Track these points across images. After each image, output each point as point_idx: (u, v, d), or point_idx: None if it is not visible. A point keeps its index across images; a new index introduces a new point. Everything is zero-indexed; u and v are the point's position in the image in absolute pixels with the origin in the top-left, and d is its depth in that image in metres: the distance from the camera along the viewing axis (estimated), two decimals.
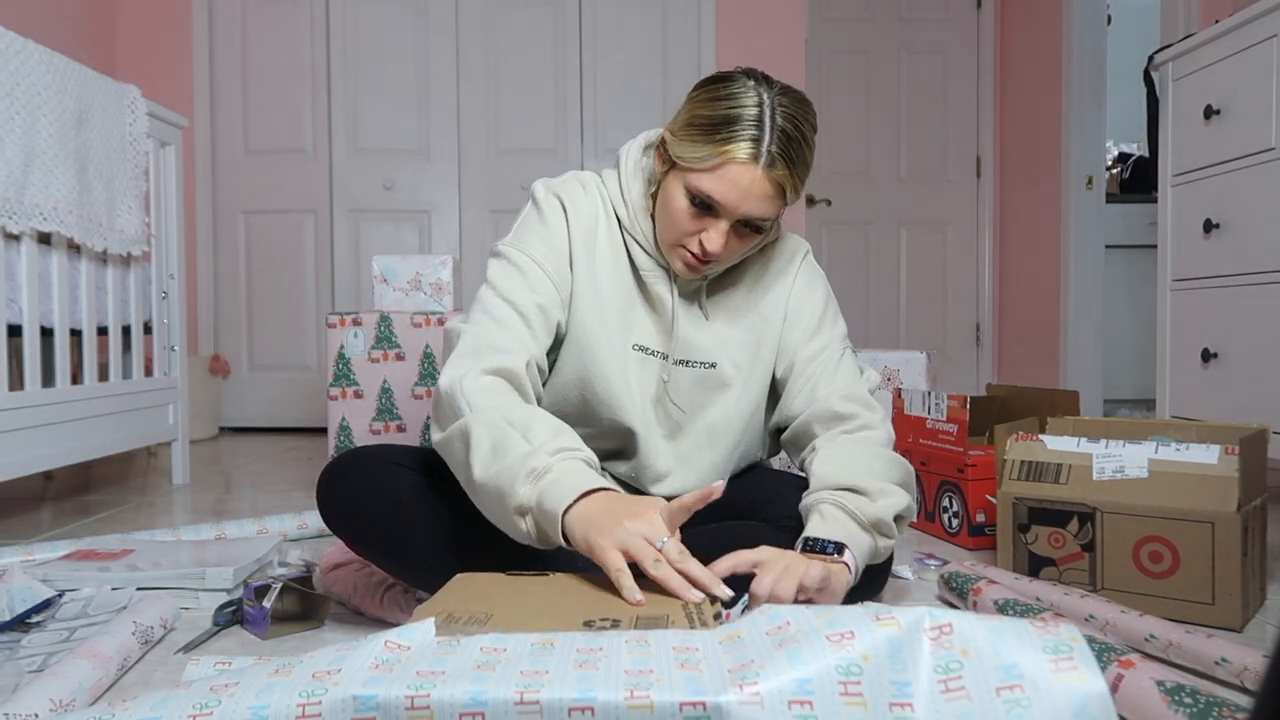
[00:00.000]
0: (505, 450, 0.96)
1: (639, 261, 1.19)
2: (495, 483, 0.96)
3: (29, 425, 1.80)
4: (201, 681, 0.69)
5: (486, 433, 0.98)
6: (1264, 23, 1.92)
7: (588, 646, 0.70)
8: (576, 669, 0.66)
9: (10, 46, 1.72)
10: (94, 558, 1.41)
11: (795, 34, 3.72)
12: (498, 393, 1.04)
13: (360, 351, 2.35)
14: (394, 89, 3.67)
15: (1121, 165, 4.44)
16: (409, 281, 2.58)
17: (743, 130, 1.04)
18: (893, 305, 4.29)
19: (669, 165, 1.12)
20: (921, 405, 1.83)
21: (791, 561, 0.95)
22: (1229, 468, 1.22)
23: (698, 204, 1.08)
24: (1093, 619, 1.14)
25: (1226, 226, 2.04)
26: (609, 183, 1.22)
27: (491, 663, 0.67)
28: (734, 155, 1.04)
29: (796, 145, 1.07)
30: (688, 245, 1.11)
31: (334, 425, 2.28)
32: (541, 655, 0.68)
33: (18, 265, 1.81)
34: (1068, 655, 0.63)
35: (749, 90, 1.07)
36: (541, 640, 0.71)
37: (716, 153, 1.05)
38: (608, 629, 0.76)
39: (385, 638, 0.71)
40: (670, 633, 0.73)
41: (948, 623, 0.66)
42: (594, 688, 0.63)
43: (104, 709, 0.68)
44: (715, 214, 1.09)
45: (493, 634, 0.72)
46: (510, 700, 0.62)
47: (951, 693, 0.63)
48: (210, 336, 3.69)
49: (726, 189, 1.06)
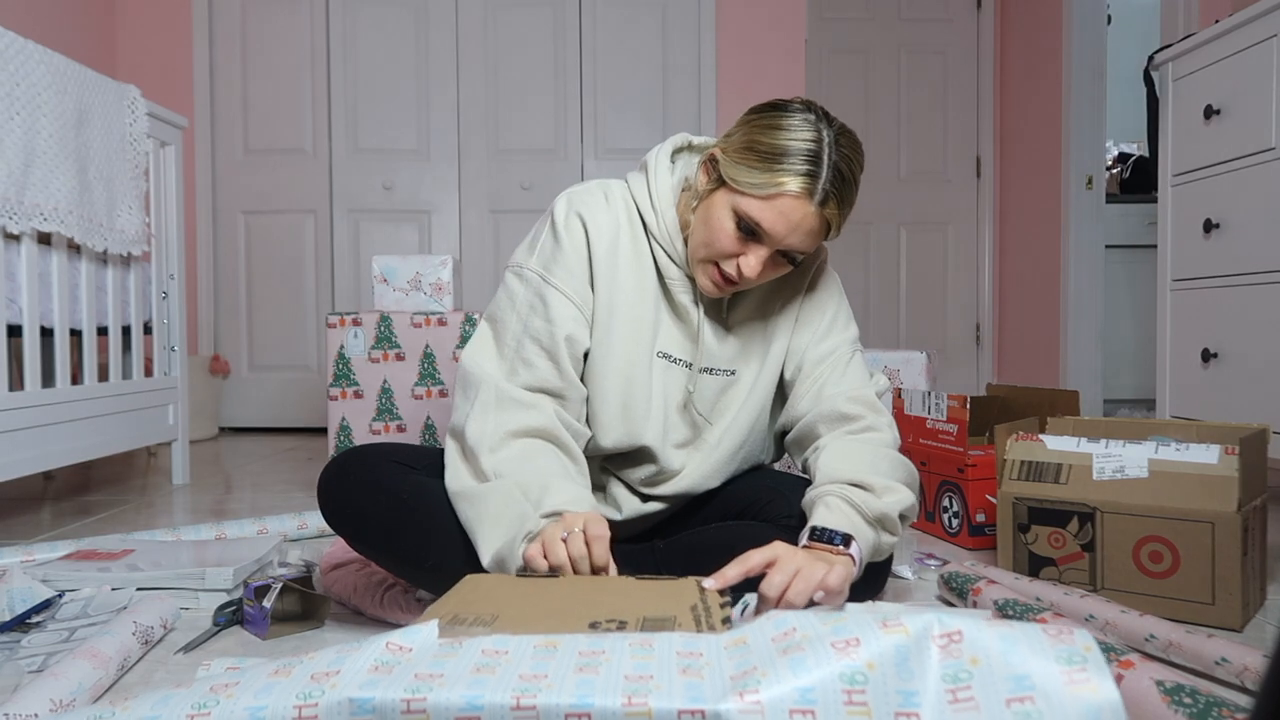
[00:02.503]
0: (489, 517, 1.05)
1: (665, 270, 1.19)
2: (488, 523, 1.05)
3: (29, 425, 1.80)
4: (202, 680, 0.69)
5: (503, 490, 1.06)
6: (1264, 23, 1.92)
7: (590, 649, 0.70)
8: (576, 673, 0.65)
9: (10, 46, 1.72)
10: (94, 558, 1.41)
11: (795, 34, 3.72)
12: (517, 459, 1.08)
13: (360, 351, 2.35)
14: (394, 89, 3.67)
15: (1121, 165, 4.44)
16: (409, 281, 2.58)
17: (800, 164, 1.05)
18: (893, 305, 4.29)
19: (717, 184, 1.12)
20: (921, 405, 1.83)
21: (804, 563, 0.93)
22: (1229, 468, 1.22)
23: (743, 228, 1.08)
24: (1093, 619, 1.14)
25: (1226, 226, 2.04)
26: (636, 189, 1.21)
27: (492, 665, 0.66)
28: (789, 188, 1.05)
29: (848, 186, 1.08)
30: (723, 266, 1.12)
31: (334, 425, 2.28)
32: (543, 658, 0.68)
33: (18, 265, 1.81)
34: (1081, 666, 0.61)
35: (810, 125, 1.07)
36: (544, 643, 0.71)
37: (772, 182, 1.05)
38: (613, 631, 0.76)
39: (387, 639, 0.70)
40: (676, 636, 0.72)
41: (957, 630, 0.64)
42: (592, 694, 0.62)
43: (104, 708, 0.68)
44: (759, 240, 1.09)
45: (496, 635, 0.72)
46: (507, 705, 0.62)
47: (960, 703, 0.61)
48: (210, 336, 3.69)
49: (776, 219, 1.06)
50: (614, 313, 1.17)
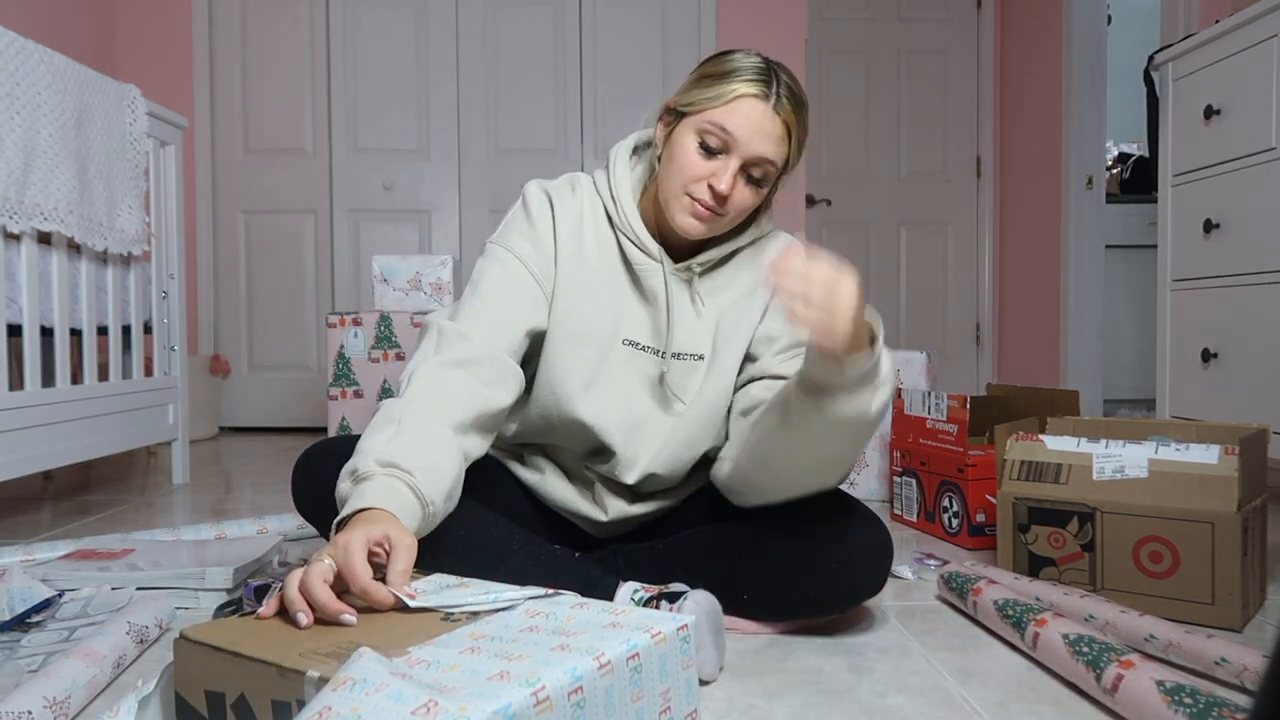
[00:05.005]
0: (365, 436, 0.98)
1: (632, 257, 1.20)
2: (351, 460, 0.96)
3: (29, 425, 1.80)
4: None
5: (381, 415, 1.01)
6: (1264, 23, 1.92)
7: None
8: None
9: (10, 46, 1.72)
10: (94, 558, 1.41)
11: (795, 34, 3.72)
12: (434, 391, 1.04)
13: (360, 351, 2.35)
14: (394, 89, 3.67)
15: (1121, 165, 4.44)
16: (409, 281, 2.58)
17: (752, 74, 1.11)
18: (893, 305, 4.29)
19: (676, 120, 1.15)
20: (921, 405, 1.83)
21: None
22: (1229, 468, 1.22)
23: (707, 147, 1.11)
24: (1093, 619, 1.14)
25: (1226, 226, 2.04)
26: (600, 183, 1.24)
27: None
28: (746, 90, 1.10)
29: (800, 101, 1.13)
30: (695, 193, 1.12)
31: (334, 425, 2.28)
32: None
33: (18, 265, 1.81)
34: None
35: (751, 53, 1.15)
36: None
37: (728, 89, 1.10)
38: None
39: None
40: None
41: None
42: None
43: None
44: (726, 153, 1.11)
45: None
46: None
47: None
48: (210, 336, 3.69)
49: (741, 122, 1.10)
50: (576, 294, 1.18)
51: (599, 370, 1.17)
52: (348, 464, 0.96)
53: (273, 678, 0.67)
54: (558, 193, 1.22)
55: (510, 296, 1.15)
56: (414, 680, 0.61)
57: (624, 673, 0.69)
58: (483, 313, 1.13)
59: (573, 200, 1.22)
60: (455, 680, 0.62)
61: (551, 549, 1.13)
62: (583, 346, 1.17)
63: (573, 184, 1.24)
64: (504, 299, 1.14)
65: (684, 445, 1.21)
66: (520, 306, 1.15)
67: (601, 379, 1.17)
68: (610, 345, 1.18)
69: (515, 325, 1.14)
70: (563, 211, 1.21)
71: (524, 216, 1.21)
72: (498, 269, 1.17)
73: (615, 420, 1.18)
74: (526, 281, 1.17)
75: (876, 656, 1.12)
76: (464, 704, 0.58)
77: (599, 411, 1.17)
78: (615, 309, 1.19)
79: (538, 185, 1.23)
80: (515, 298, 1.15)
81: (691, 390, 1.21)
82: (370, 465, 0.93)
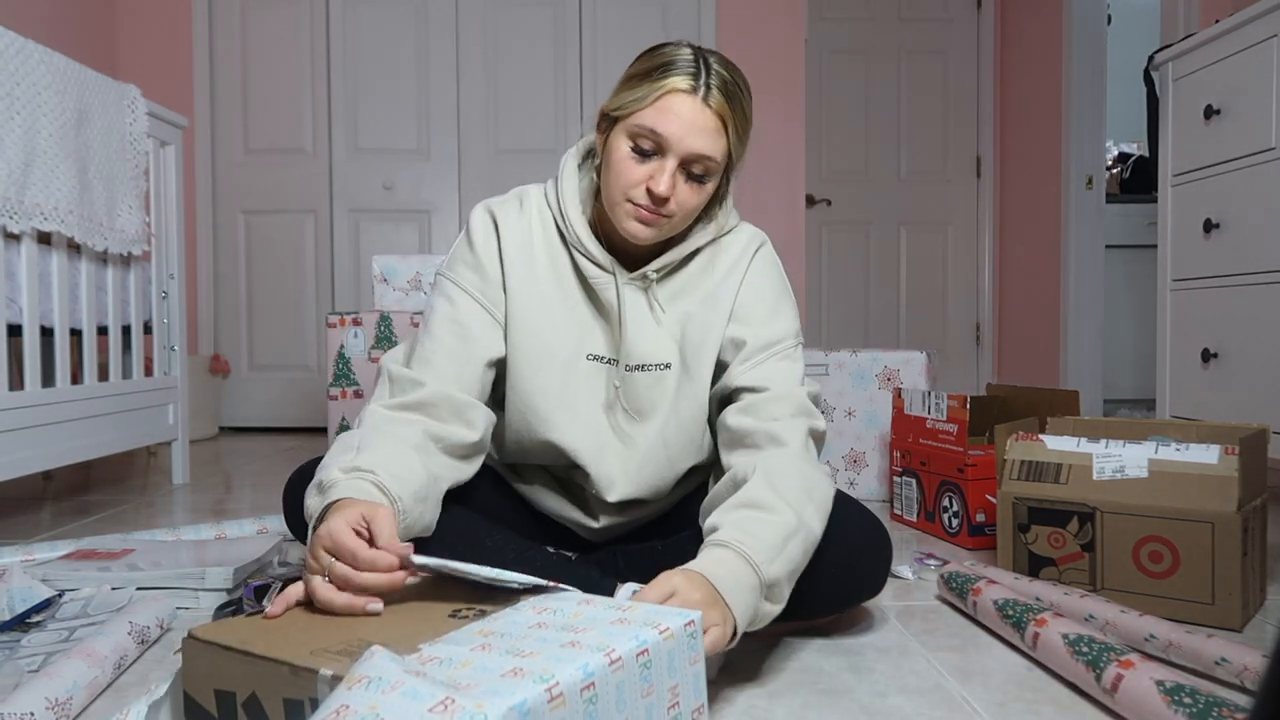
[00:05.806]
0: (325, 460, 0.99)
1: (586, 270, 1.17)
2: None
3: (29, 425, 1.80)
4: None
5: (338, 445, 1.01)
6: (1264, 23, 1.92)
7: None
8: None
9: (10, 46, 1.72)
10: (94, 558, 1.41)
11: (795, 34, 3.72)
12: (390, 421, 1.05)
13: (360, 351, 2.36)
14: (394, 89, 3.68)
15: (1121, 165, 4.44)
16: (409, 281, 2.58)
17: (680, 67, 1.06)
18: (893, 305, 4.29)
19: (610, 126, 1.12)
20: (921, 405, 1.83)
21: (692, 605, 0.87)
22: (1229, 468, 1.22)
23: (641, 150, 1.08)
24: (1093, 619, 1.14)
25: (1226, 226, 2.04)
26: (550, 194, 1.20)
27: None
28: (673, 86, 1.05)
29: (733, 90, 1.08)
30: (635, 198, 1.09)
31: (334, 425, 2.28)
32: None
33: (18, 265, 1.81)
34: None
35: (681, 45, 1.10)
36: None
37: (654, 88, 1.06)
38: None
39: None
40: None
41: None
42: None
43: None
44: (660, 154, 1.08)
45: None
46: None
47: None
48: (210, 336, 3.69)
49: (669, 120, 1.05)
50: (532, 314, 1.15)
51: (565, 388, 1.15)
52: (311, 483, 0.96)
53: (285, 676, 0.68)
54: (503, 211, 1.18)
55: (463, 331, 1.13)
56: (428, 678, 0.61)
57: (634, 668, 0.69)
58: (435, 352, 1.11)
59: (520, 217, 1.18)
60: (469, 677, 0.62)
61: (548, 555, 1.13)
62: (546, 366, 1.15)
63: (521, 199, 1.20)
64: (456, 334, 1.12)
65: (664, 465, 1.18)
66: (473, 341, 1.13)
67: (569, 397, 1.15)
68: (574, 362, 1.16)
69: (471, 360, 1.12)
70: (508, 232, 1.17)
71: (466, 246, 1.18)
72: (445, 304, 1.15)
73: (585, 442, 1.15)
74: (475, 313, 1.14)
75: (876, 656, 1.12)
76: (480, 700, 0.58)
77: (568, 434, 1.15)
78: (575, 325, 1.17)
79: (482, 207, 1.19)
80: (469, 332, 1.13)
81: (664, 403, 1.17)
82: (334, 474, 0.94)
